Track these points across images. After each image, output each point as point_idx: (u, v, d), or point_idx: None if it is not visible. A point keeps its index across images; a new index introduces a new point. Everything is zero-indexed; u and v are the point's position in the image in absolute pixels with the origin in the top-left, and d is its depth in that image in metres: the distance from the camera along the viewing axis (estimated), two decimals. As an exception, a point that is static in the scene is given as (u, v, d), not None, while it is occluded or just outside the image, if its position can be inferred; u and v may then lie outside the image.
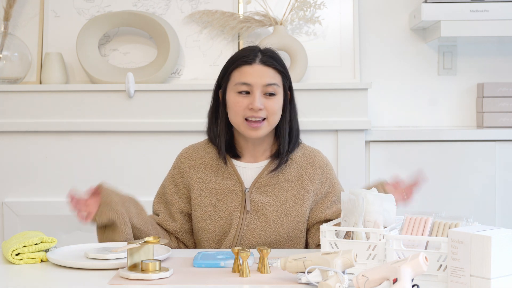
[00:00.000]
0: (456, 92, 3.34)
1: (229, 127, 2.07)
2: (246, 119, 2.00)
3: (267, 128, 2.02)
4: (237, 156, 2.08)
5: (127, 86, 2.99)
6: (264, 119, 2.00)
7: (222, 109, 2.06)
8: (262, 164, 2.07)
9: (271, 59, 2.03)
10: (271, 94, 2.01)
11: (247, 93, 2.01)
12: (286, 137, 2.05)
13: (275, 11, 3.17)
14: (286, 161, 2.05)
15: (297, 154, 2.09)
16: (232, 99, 2.02)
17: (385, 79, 3.33)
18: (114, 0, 3.22)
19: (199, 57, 3.20)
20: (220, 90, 2.08)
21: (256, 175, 2.06)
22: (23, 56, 3.12)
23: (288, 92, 2.08)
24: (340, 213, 2.02)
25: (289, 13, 3.13)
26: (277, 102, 2.02)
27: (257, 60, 2.02)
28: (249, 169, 2.07)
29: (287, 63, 3.15)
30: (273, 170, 2.04)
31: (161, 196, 2.14)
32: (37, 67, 3.17)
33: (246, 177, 2.06)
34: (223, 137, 2.06)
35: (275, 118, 2.03)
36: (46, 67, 3.09)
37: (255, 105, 1.98)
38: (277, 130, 2.07)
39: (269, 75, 2.01)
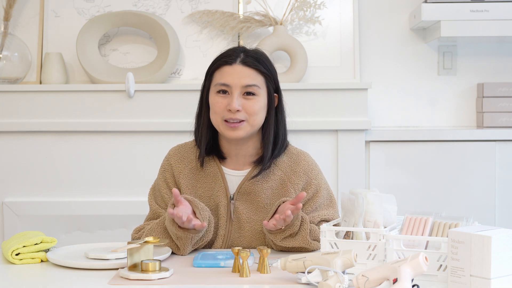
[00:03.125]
0: (456, 92, 3.34)
1: (212, 129, 2.03)
2: (225, 120, 1.97)
3: (247, 129, 1.97)
4: (222, 158, 2.04)
5: (127, 86, 2.99)
6: (243, 120, 1.96)
7: (205, 110, 2.03)
8: (245, 172, 2.03)
9: (254, 60, 1.98)
10: (250, 94, 1.96)
11: (226, 93, 1.97)
12: (270, 142, 2.00)
13: (275, 11, 3.17)
14: (269, 167, 2.00)
15: (282, 160, 2.04)
16: (212, 99, 1.99)
17: (385, 79, 3.33)
18: (114, 0, 3.22)
19: (199, 57, 3.20)
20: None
21: (239, 182, 2.02)
22: (23, 56, 3.12)
23: (275, 94, 2.03)
24: (320, 220, 2.01)
25: (289, 13, 3.13)
26: (257, 103, 1.97)
27: (238, 60, 1.98)
28: (235, 176, 2.03)
29: (287, 63, 3.15)
30: (254, 176, 2.00)
31: (160, 199, 2.07)
32: (37, 67, 3.17)
33: (232, 184, 2.02)
34: (205, 138, 2.02)
35: (256, 119, 1.98)
36: (46, 67, 3.09)
37: (232, 106, 1.94)
38: (263, 135, 2.02)
39: (249, 76, 1.97)
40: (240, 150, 2.03)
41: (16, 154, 3.05)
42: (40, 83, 3.16)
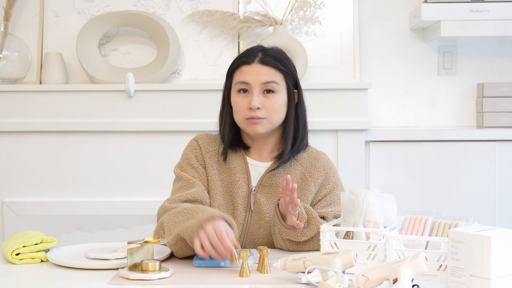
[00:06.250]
0: (456, 92, 3.34)
1: (235, 126, 2.08)
2: (247, 119, 2.02)
3: (267, 126, 2.02)
4: (246, 148, 2.09)
5: (127, 86, 2.99)
6: (263, 118, 2.01)
7: (227, 108, 2.08)
8: (268, 164, 2.08)
9: (272, 58, 2.03)
10: (270, 91, 2.01)
11: (246, 91, 2.02)
12: (290, 137, 2.05)
13: (275, 11, 3.17)
14: (288, 160, 2.05)
15: (302, 156, 2.09)
16: (233, 99, 2.04)
17: (385, 79, 3.33)
18: (114, 0, 3.22)
19: (199, 57, 3.20)
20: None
21: (261, 174, 2.06)
22: (23, 56, 3.12)
23: (295, 90, 2.07)
24: (333, 216, 2.04)
25: (289, 13, 3.13)
26: (277, 101, 2.01)
27: (256, 59, 2.03)
28: (257, 167, 2.07)
29: (287, 63, 3.14)
30: (273, 169, 2.04)
31: (193, 170, 2.05)
32: (37, 67, 3.17)
33: (254, 175, 2.07)
34: (227, 136, 2.07)
35: (276, 117, 2.02)
36: (46, 67, 3.09)
37: (253, 104, 1.98)
38: (284, 130, 2.07)
39: (268, 73, 2.01)
40: (263, 145, 2.08)
41: (16, 154, 3.06)
42: (40, 83, 3.16)
